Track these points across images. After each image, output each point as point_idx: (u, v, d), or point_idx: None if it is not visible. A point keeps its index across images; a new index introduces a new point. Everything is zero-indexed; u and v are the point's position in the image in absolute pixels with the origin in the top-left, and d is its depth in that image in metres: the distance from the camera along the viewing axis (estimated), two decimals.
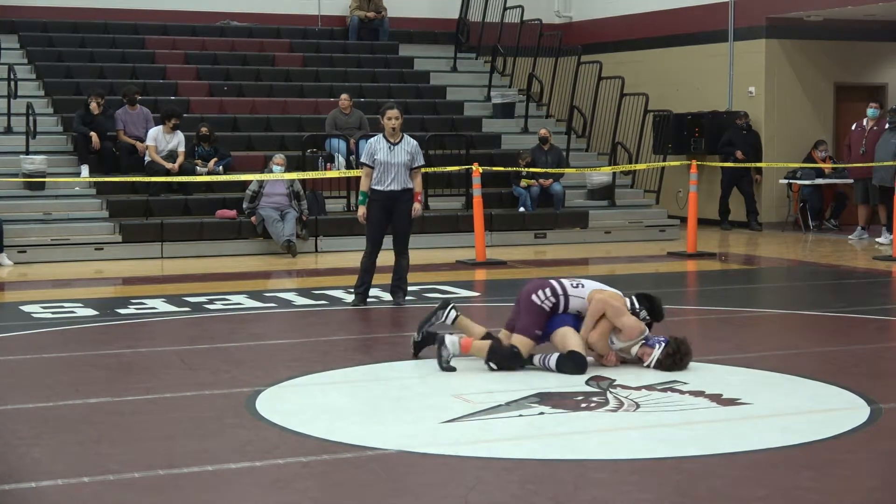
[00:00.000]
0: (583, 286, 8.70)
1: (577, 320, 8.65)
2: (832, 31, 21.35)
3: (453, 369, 8.62)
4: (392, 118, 11.64)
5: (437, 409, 7.50)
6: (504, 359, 8.57)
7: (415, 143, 11.90)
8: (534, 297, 8.61)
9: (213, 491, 5.96)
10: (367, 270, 11.96)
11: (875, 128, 19.22)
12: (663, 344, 8.59)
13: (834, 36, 21.44)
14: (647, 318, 8.71)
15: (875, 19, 21.08)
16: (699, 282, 15.17)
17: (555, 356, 8.52)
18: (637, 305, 8.70)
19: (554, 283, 8.71)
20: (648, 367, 8.59)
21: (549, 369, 8.50)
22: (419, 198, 11.99)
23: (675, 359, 8.55)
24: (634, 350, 8.68)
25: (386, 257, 12.02)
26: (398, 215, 11.84)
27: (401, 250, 12.03)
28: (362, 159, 11.98)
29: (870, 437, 6.94)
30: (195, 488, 5.99)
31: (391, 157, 11.68)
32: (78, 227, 17.06)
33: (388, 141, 11.72)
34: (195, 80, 21.26)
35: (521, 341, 8.57)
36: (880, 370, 9.14)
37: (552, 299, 8.59)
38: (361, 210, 11.90)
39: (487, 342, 8.66)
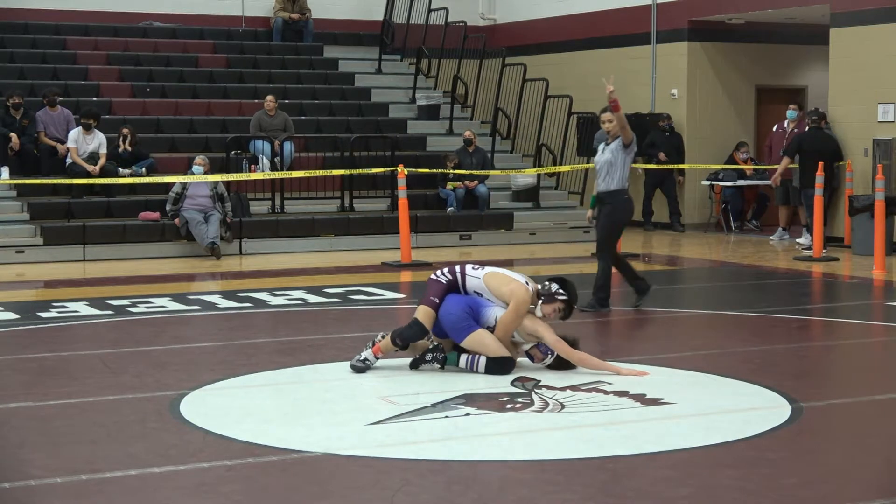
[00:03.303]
0: (482, 269, 8.92)
1: (474, 300, 8.74)
2: (753, 33, 21.58)
3: (363, 371, 8.65)
4: (605, 122, 11.84)
5: (362, 412, 7.49)
6: (403, 330, 8.70)
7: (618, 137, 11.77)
8: (433, 275, 8.93)
9: (137, 495, 5.90)
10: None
11: (795, 129, 19.43)
12: (551, 357, 8.67)
13: (755, 39, 21.68)
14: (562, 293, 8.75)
15: (795, 22, 21.33)
16: (622, 282, 15.25)
17: (483, 360, 8.56)
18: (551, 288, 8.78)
19: (456, 266, 8.95)
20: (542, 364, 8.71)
21: (476, 372, 8.53)
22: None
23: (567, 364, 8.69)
24: (527, 347, 8.76)
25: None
26: (600, 217, 12.03)
27: (597, 254, 12.18)
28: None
29: (791, 436, 7.03)
30: (119, 493, 5.93)
31: (600, 157, 11.86)
32: None
33: (606, 143, 11.91)
34: (117, 81, 21.08)
35: (420, 311, 8.70)
36: (801, 369, 9.26)
37: (448, 276, 8.84)
38: (589, 212, 12.72)
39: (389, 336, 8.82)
